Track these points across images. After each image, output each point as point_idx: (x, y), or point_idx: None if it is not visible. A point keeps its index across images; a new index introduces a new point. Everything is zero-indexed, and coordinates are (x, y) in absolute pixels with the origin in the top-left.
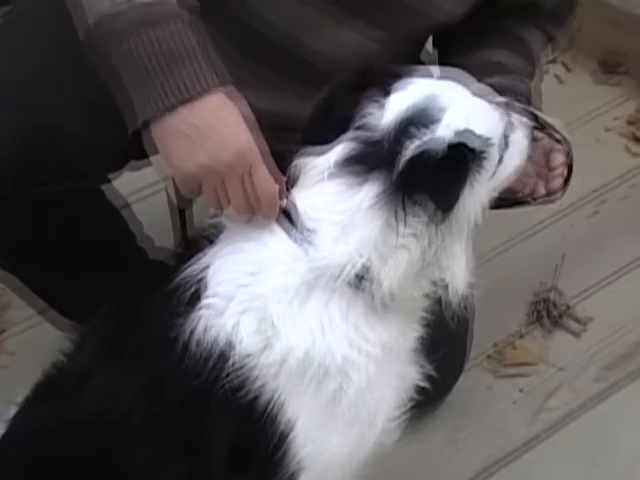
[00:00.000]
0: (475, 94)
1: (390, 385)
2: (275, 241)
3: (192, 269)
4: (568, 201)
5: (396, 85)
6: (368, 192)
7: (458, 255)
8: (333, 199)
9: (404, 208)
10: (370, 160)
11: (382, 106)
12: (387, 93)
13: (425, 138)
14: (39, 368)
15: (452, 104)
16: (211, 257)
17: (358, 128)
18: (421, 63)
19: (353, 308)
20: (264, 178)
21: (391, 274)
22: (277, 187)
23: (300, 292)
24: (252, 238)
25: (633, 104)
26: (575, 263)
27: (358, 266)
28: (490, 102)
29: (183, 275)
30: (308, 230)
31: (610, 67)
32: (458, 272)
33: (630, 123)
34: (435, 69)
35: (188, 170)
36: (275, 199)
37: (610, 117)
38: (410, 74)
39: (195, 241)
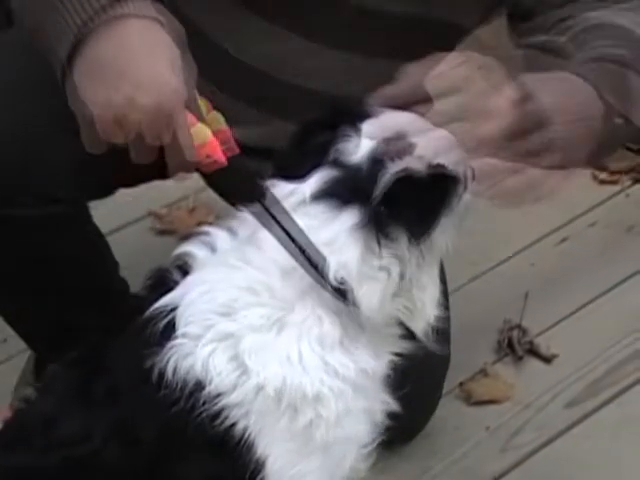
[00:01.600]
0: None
1: (361, 421)
2: (247, 273)
3: (161, 305)
4: (537, 230)
5: (367, 121)
6: (345, 222)
7: (430, 284)
8: (309, 229)
9: (382, 235)
10: (345, 193)
11: (355, 141)
12: (358, 129)
13: (399, 169)
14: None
15: (421, 138)
16: (181, 292)
17: (332, 162)
18: None
19: (326, 335)
20: (184, 130)
21: (369, 296)
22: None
23: (273, 325)
24: (224, 272)
25: None
26: (541, 297)
27: (336, 289)
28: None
29: (152, 311)
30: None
31: None
32: (428, 301)
33: None
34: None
35: (102, 117)
36: (193, 153)
37: None
38: (379, 112)
39: (166, 272)
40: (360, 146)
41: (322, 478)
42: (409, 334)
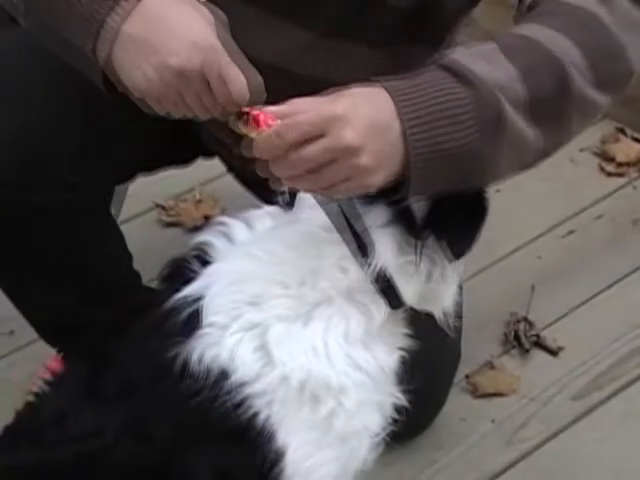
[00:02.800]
0: None
1: (375, 412)
2: (275, 266)
3: (185, 295)
4: (543, 223)
5: None
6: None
7: (452, 279)
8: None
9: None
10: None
11: None
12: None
13: None
14: (9, 409)
15: None
16: (206, 282)
17: None
18: None
19: (351, 332)
20: (234, 79)
21: (409, 291)
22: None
23: (300, 317)
24: (250, 263)
25: (606, 123)
26: (547, 290)
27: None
28: None
29: (174, 302)
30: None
31: None
32: (448, 298)
33: (604, 143)
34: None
35: (141, 89)
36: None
37: (584, 137)
38: None
39: (184, 262)
40: None
41: (337, 469)
42: (417, 333)
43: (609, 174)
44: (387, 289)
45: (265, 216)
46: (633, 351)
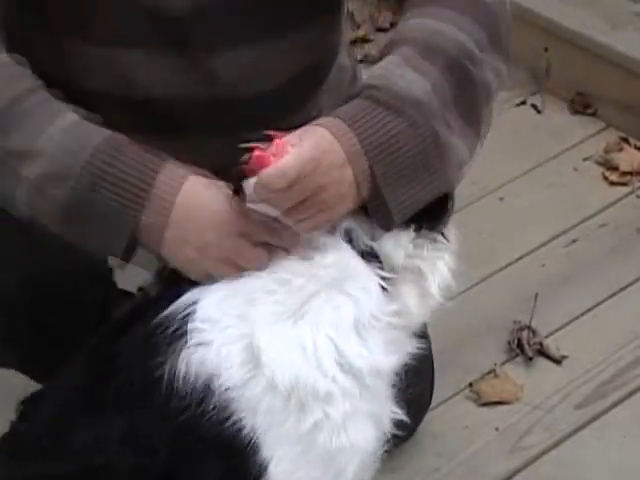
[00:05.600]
0: None
1: (366, 426)
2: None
3: (180, 303)
4: (547, 231)
5: None
6: None
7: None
8: None
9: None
10: None
11: None
12: None
13: None
14: (12, 414)
15: None
16: (198, 289)
17: None
18: None
19: (342, 321)
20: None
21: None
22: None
23: (291, 314)
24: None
25: (610, 133)
26: (551, 298)
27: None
28: None
29: (169, 310)
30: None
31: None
32: (436, 285)
33: (607, 152)
34: None
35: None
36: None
37: (587, 146)
38: None
39: (174, 272)
40: None
41: None
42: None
43: (612, 183)
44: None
45: None
46: (637, 360)
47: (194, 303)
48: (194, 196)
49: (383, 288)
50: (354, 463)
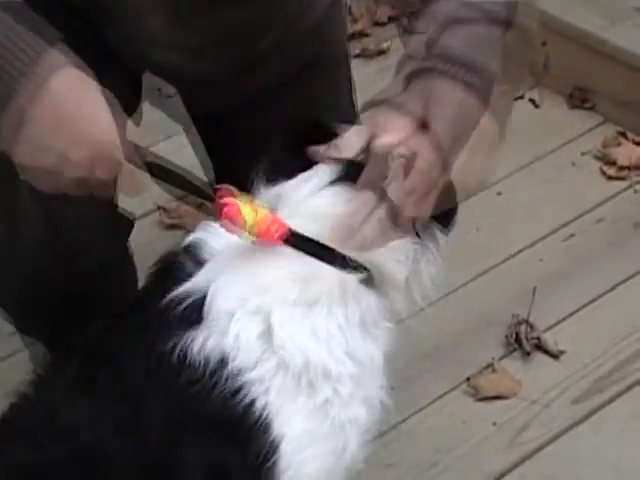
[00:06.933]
0: None
1: (363, 405)
2: (280, 259)
3: (187, 288)
4: (545, 226)
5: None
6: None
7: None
8: (331, 207)
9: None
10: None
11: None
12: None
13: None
14: None
15: None
16: (207, 276)
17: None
18: None
19: (350, 320)
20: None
21: (394, 274)
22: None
23: (305, 302)
24: (253, 256)
25: (608, 127)
26: (549, 293)
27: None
28: None
29: (177, 294)
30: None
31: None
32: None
33: (605, 146)
34: None
35: (41, 182)
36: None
37: (585, 141)
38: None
39: (172, 259)
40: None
41: (330, 463)
42: None
43: (610, 178)
44: (377, 276)
45: None
46: (634, 354)
47: (208, 283)
48: (66, 97)
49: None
50: (358, 436)
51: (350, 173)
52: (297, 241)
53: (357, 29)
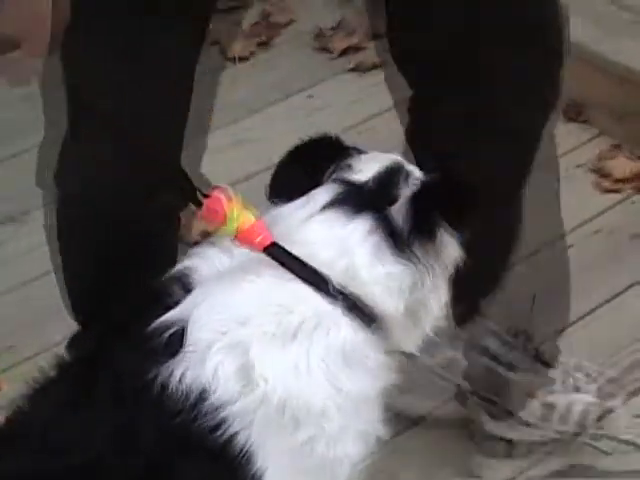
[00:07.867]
0: None
1: (356, 441)
2: (261, 288)
3: (170, 316)
4: (539, 238)
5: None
6: (359, 226)
7: (442, 294)
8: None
9: (396, 242)
10: (357, 202)
11: (354, 164)
12: (352, 155)
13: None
14: None
15: (414, 169)
16: (191, 304)
17: (336, 180)
18: None
19: (333, 351)
20: None
21: (384, 300)
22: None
23: (285, 334)
24: (235, 284)
25: (603, 140)
26: (546, 304)
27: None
28: None
29: (159, 323)
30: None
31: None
32: (437, 304)
33: (600, 159)
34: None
35: None
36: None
37: (580, 153)
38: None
39: (165, 286)
40: (363, 168)
41: None
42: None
43: (606, 190)
44: (363, 307)
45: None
46: (632, 365)
47: (188, 313)
48: None
49: None
50: (347, 472)
51: (348, 199)
52: (278, 253)
53: (352, 43)
